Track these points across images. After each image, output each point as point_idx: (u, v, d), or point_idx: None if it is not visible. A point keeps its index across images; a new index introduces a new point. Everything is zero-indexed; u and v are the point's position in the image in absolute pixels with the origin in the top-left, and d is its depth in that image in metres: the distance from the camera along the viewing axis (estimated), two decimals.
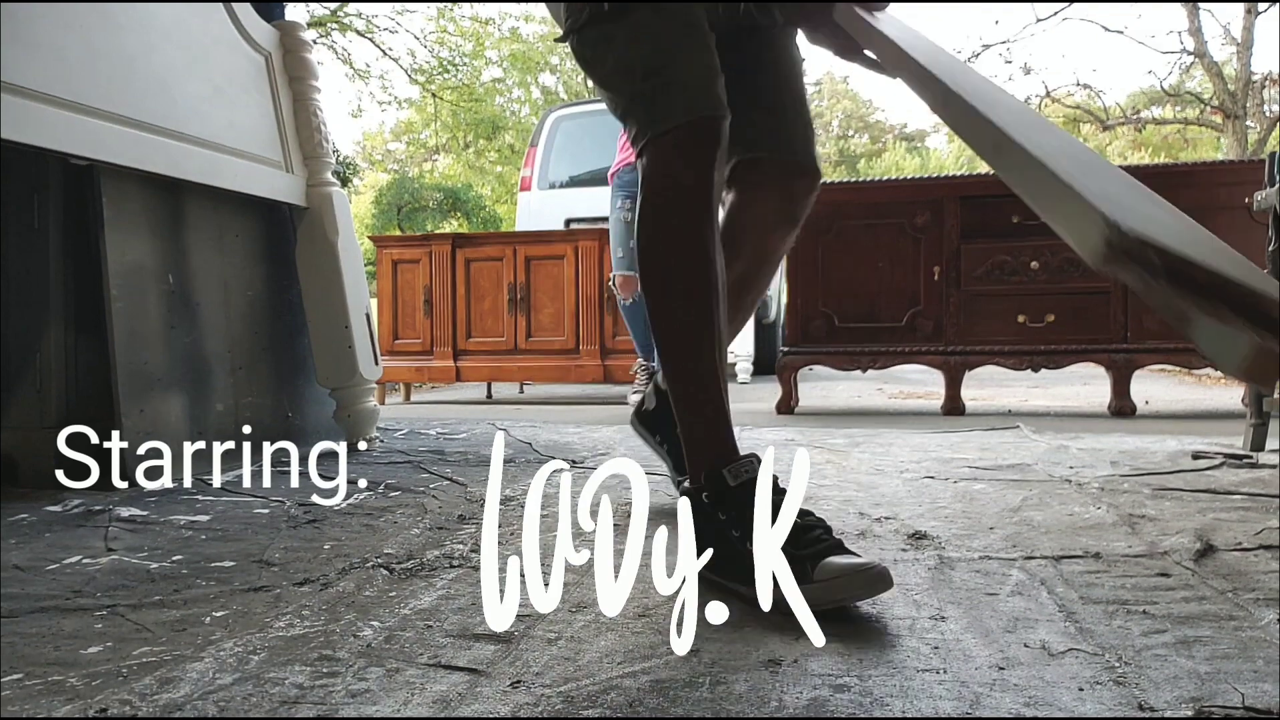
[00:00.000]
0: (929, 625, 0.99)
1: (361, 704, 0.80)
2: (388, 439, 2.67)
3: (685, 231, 1.23)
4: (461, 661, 0.90)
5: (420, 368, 4.56)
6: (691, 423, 1.24)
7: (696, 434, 1.23)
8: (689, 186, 1.23)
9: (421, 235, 4.58)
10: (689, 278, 1.23)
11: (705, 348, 1.22)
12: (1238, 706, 0.76)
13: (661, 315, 1.25)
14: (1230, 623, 0.98)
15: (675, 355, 1.26)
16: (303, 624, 1.02)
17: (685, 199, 1.23)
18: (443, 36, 17.06)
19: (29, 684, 0.85)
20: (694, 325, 1.23)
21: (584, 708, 0.79)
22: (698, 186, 1.23)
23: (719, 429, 1.21)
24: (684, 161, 1.23)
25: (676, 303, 1.24)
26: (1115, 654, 0.89)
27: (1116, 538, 1.36)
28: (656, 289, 1.26)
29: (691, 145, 1.22)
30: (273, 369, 2.43)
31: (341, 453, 1.70)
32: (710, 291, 1.22)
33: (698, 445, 1.22)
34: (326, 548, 1.39)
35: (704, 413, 1.22)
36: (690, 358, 1.24)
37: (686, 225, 1.23)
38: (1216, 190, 3.41)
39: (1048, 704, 0.78)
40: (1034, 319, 3.50)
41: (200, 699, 0.81)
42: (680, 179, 1.23)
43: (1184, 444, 2.31)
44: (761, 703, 0.79)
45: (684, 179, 1.23)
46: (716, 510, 1.13)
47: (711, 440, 1.20)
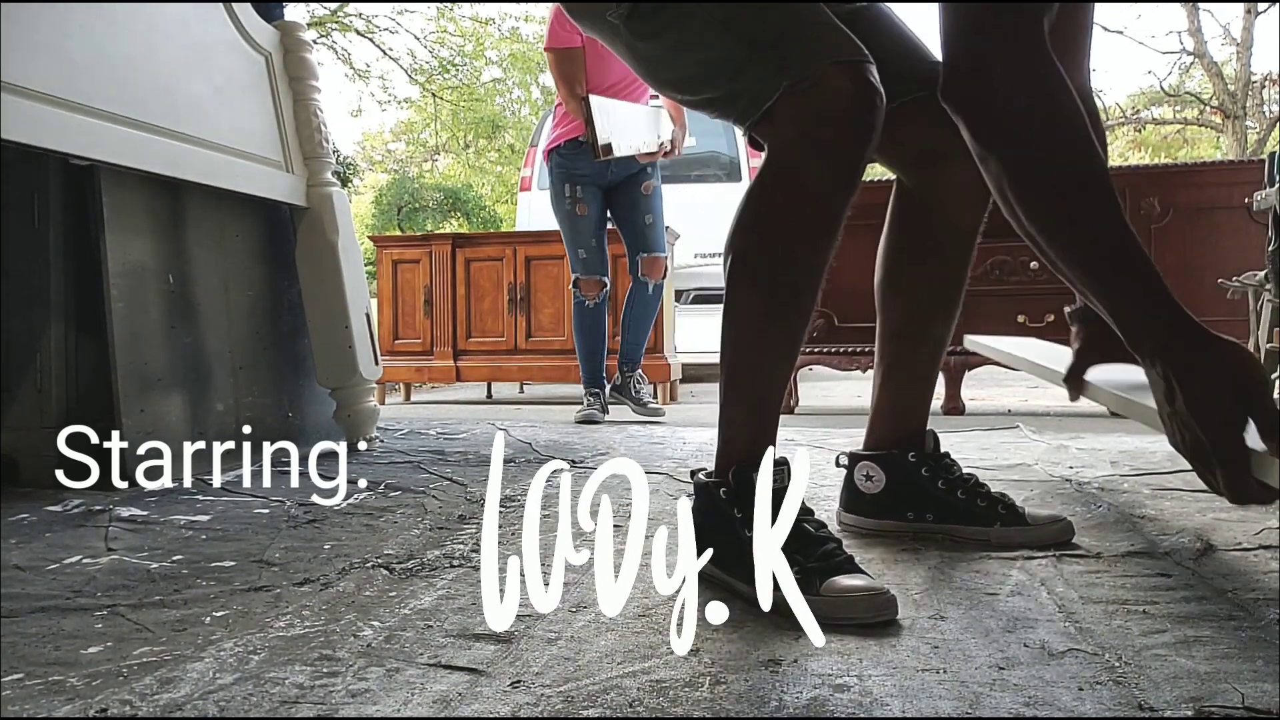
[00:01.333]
0: (929, 625, 0.99)
1: (361, 704, 0.80)
2: (388, 439, 2.67)
3: (824, 220, 1.09)
4: (461, 661, 0.90)
5: (420, 368, 4.56)
6: (733, 416, 1.17)
7: (736, 429, 1.17)
8: (844, 143, 1.07)
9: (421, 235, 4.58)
10: (807, 274, 1.11)
11: (784, 351, 1.15)
12: (1238, 706, 0.76)
13: (755, 297, 1.13)
14: (1230, 623, 0.98)
15: (746, 343, 1.16)
16: (303, 624, 1.02)
17: (833, 160, 1.07)
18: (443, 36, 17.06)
19: (29, 684, 0.85)
20: (785, 325, 1.14)
21: (584, 708, 0.79)
22: (856, 139, 1.07)
23: (763, 430, 1.15)
24: (844, 106, 1.06)
25: (784, 293, 1.12)
26: (1115, 654, 0.89)
27: (1116, 538, 1.36)
28: (767, 269, 1.12)
29: (848, 91, 1.06)
30: (273, 369, 2.43)
31: (341, 453, 1.70)
32: (816, 293, 1.13)
33: (734, 441, 1.16)
34: (327, 548, 1.39)
35: (752, 409, 1.16)
36: (762, 353, 1.15)
37: (826, 217, 1.09)
38: (1216, 190, 3.41)
39: (1047, 704, 0.78)
40: (1034, 319, 3.50)
41: (200, 699, 0.81)
42: (828, 136, 1.06)
43: None
44: (761, 703, 0.79)
45: (835, 136, 1.06)
46: (732, 507, 1.11)
47: (751, 439, 1.14)
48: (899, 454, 1.38)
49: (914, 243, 1.37)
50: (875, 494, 1.40)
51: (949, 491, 1.36)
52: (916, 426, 1.40)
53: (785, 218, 1.12)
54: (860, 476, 1.41)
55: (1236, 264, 2.98)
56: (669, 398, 4.43)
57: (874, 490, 1.40)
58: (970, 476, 1.39)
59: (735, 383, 1.17)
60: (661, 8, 1.15)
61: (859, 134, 1.08)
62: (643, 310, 3.46)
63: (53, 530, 1.50)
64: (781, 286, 1.13)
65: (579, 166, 3.25)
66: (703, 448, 2.46)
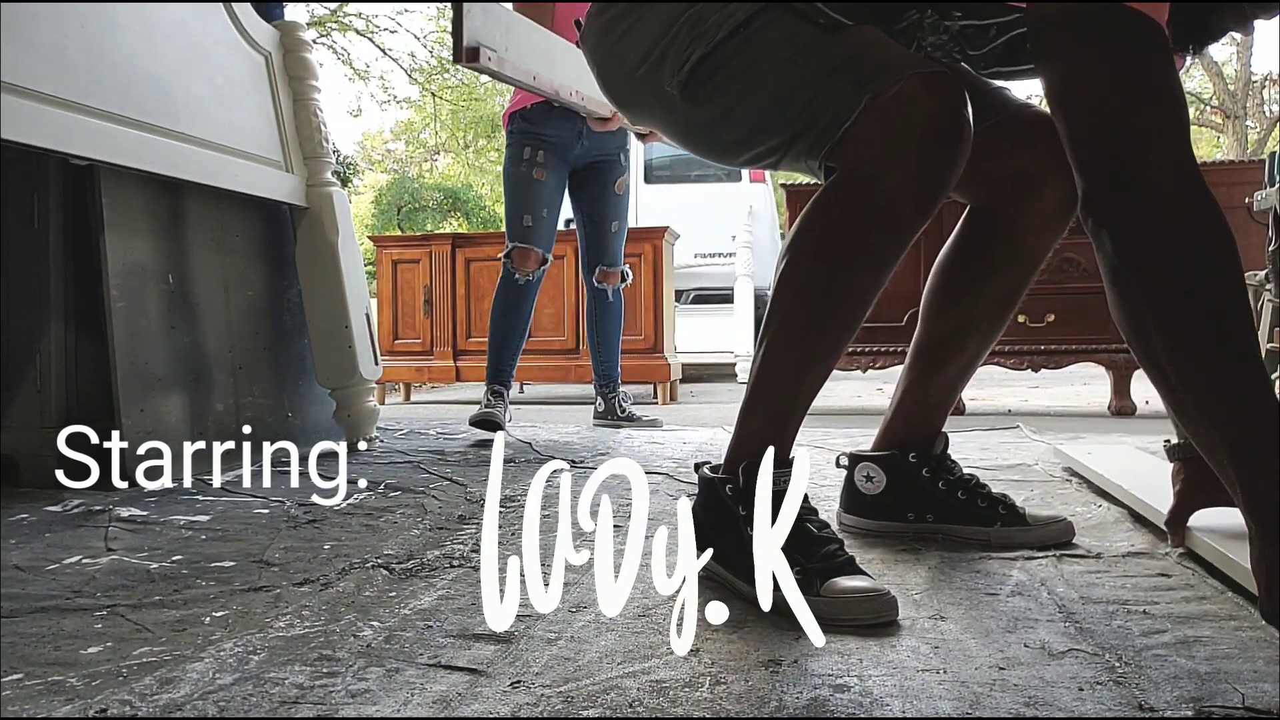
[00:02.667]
0: (929, 625, 0.99)
1: (361, 704, 0.80)
2: (388, 439, 2.67)
3: (895, 239, 1.06)
4: (461, 661, 0.90)
5: (420, 368, 4.57)
6: (754, 424, 1.14)
7: (751, 432, 1.13)
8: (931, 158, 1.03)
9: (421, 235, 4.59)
10: (862, 292, 1.08)
11: (821, 366, 1.13)
12: (1238, 706, 0.76)
13: (802, 307, 1.10)
14: (1230, 623, 0.97)
15: (782, 352, 1.13)
16: (303, 624, 1.02)
17: (916, 175, 1.03)
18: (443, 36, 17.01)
19: (29, 684, 0.85)
20: (826, 340, 1.11)
21: (584, 708, 0.79)
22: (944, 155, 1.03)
23: (782, 440, 1.12)
24: (932, 118, 1.02)
25: (833, 308, 1.09)
26: (1115, 654, 0.89)
27: (1116, 537, 1.36)
28: (821, 279, 1.08)
29: (935, 103, 1.02)
30: (273, 369, 2.43)
31: (341, 453, 1.70)
32: (865, 313, 1.10)
33: (747, 442, 1.12)
34: (326, 548, 1.39)
35: (774, 419, 1.14)
36: (797, 365, 1.12)
37: (897, 235, 1.06)
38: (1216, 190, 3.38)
39: (1047, 704, 0.78)
40: (1034, 319, 3.50)
41: (200, 699, 0.81)
42: (913, 150, 1.02)
43: None
44: (761, 703, 0.79)
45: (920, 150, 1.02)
46: (738, 504, 1.09)
47: (764, 442, 1.08)
48: (900, 455, 1.38)
49: (982, 259, 1.34)
50: (876, 495, 1.39)
51: (949, 492, 1.36)
52: (931, 430, 1.40)
53: (851, 229, 1.08)
54: (860, 477, 1.40)
55: None
56: (669, 398, 4.43)
57: (874, 491, 1.40)
58: (971, 477, 1.39)
59: (763, 388, 1.14)
60: (723, 63, 1.12)
61: (948, 150, 1.04)
62: (611, 323, 3.13)
63: (52, 530, 1.50)
64: (832, 300, 1.09)
65: (548, 132, 2.80)
66: (702, 447, 2.46)
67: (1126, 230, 0.92)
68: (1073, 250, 3.48)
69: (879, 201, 1.05)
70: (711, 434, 2.80)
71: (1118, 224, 0.93)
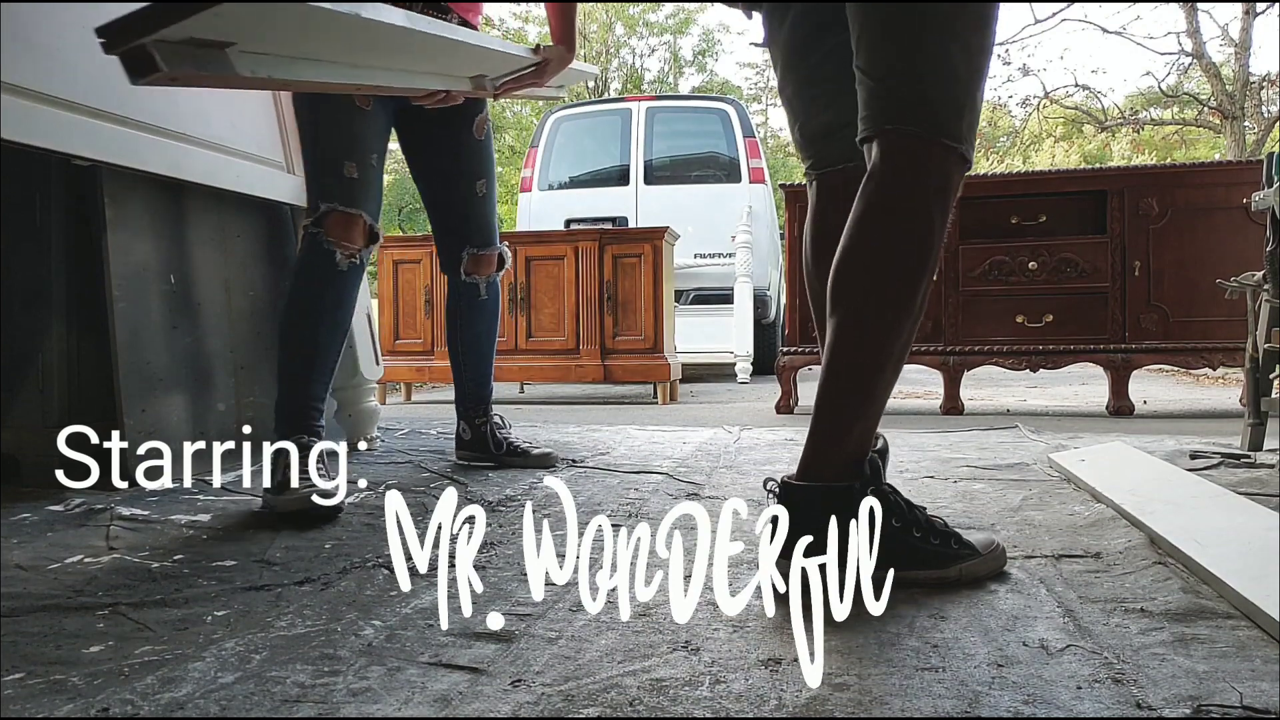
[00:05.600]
0: (929, 624, 0.99)
1: (363, 703, 0.80)
2: (388, 439, 2.68)
3: (934, 262, 1.20)
4: (462, 660, 0.90)
5: (421, 368, 4.57)
6: (861, 429, 1.18)
7: (858, 433, 1.18)
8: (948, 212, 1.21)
9: (422, 235, 4.57)
10: (923, 291, 1.20)
11: (896, 364, 1.20)
12: (1236, 705, 0.76)
13: (909, 324, 1.19)
14: (1228, 622, 0.98)
15: (891, 364, 1.19)
16: (304, 623, 1.03)
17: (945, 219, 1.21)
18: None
19: (31, 683, 0.85)
20: (905, 336, 1.19)
21: (584, 707, 0.79)
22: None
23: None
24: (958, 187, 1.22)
25: (917, 310, 1.19)
26: (1114, 652, 0.89)
27: (1116, 537, 1.37)
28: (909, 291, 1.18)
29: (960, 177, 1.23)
30: (274, 369, 2.43)
31: (342, 453, 1.70)
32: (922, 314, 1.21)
33: (860, 441, 1.17)
34: (327, 547, 1.39)
35: (875, 418, 1.19)
36: (889, 359, 1.19)
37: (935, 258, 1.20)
38: (1215, 191, 3.42)
39: (1046, 702, 0.78)
40: (1032, 319, 3.51)
41: (202, 698, 0.82)
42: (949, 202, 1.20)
43: (1182, 444, 2.31)
44: (761, 702, 0.79)
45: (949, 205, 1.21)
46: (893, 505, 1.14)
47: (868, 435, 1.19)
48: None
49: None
50: None
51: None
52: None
53: (917, 253, 1.19)
54: None
55: (1235, 264, 2.99)
56: (669, 398, 4.43)
57: None
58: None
59: (872, 397, 1.18)
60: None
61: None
62: (483, 325, 2.24)
63: (54, 529, 1.51)
64: (918, 311, 1.21)
65: None
66: (702, 447, 2.46)
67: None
68: (1071, 251, 3.48)
69: (933, 235, 1.20)
70: (711, 434, 2.81)
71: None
